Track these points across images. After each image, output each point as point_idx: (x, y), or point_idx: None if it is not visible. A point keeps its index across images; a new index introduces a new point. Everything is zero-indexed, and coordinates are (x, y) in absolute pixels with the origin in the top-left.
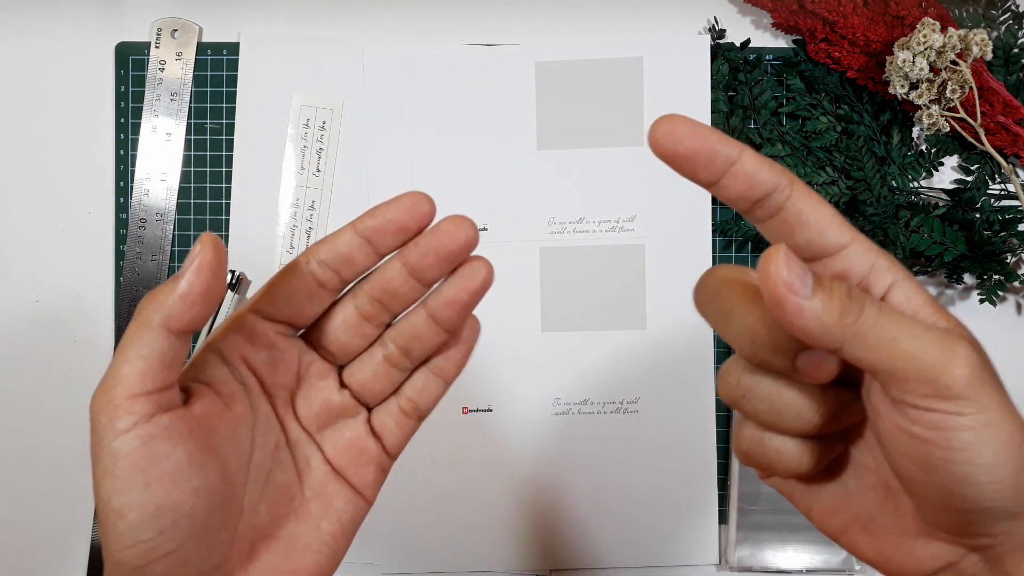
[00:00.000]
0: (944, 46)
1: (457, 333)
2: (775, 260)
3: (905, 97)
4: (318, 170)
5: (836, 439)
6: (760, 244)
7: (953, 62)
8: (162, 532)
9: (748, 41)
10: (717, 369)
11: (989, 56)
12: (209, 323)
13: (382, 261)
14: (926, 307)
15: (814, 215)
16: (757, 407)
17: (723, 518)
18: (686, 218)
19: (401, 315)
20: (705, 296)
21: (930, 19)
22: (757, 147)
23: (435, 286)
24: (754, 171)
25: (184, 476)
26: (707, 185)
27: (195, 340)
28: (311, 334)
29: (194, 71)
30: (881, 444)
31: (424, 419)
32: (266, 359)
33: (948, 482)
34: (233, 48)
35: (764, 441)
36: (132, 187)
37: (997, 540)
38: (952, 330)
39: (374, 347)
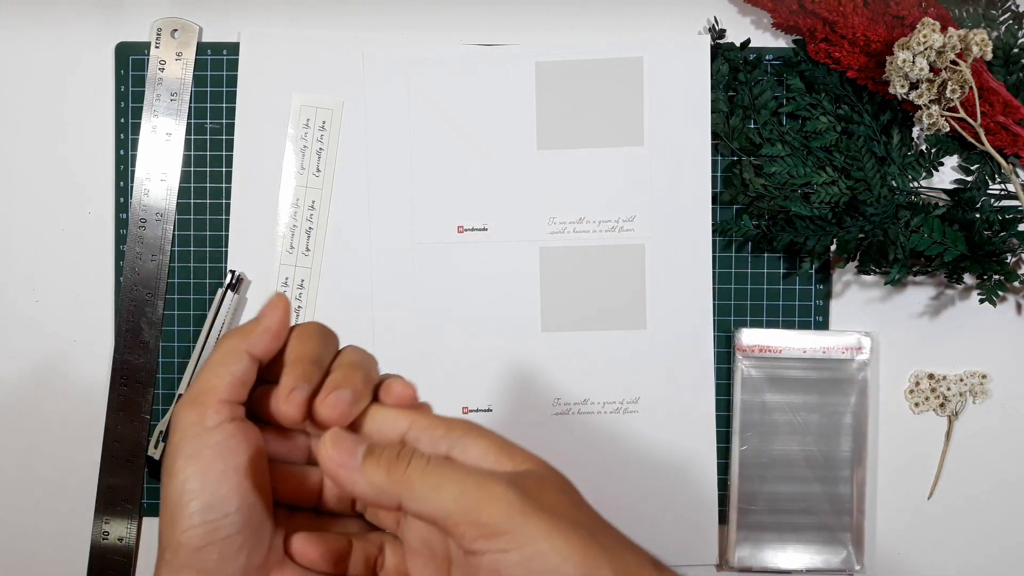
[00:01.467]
0: (944, 46)
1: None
2: (324, 445)
3: (905, 97)
4: (318, 170)
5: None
6: (760, 244)
7: (953, 62)
8: (226, 515)
9: (748, 41)
10: (717, 370)
11: (989, 56)
12: (209, 322)
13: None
14: (490, 453)
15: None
16: None
17: (723, 518)
18: (686, 218)
19: None
20: None
21: (930, 19)
22: (757, 147)
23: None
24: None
25: (249, 472)
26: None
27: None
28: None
29: (194, 71)
30: None
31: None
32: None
33: None
34: (233, 48)
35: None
36: (132, 187)
37: None
38: (494, 472)
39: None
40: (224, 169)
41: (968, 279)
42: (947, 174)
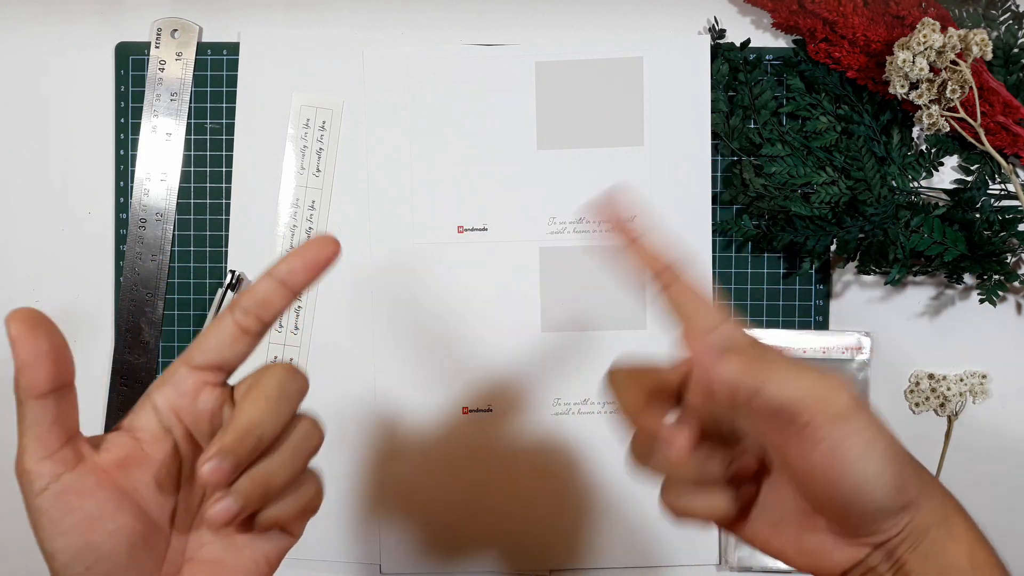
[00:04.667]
0: (944, 46)
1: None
2: (700, 338)
3: (905, 97)
4: (318, 170)
5: (746, 487)
6: (759, 245)
7: (953, 62)
8: (88, 568)
9: (748, 41)
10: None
11: (989, 56)
12: (209, 321)
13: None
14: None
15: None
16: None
17: None
18: (686, 218)
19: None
20: (608, 385)
21: (930, 19)
22: (757, 147)
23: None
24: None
25: (97, 523)
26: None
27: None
28: (193, 360)
29: (194, 71)
30: (791, 473)
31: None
32: (192, 409)
33: (846, 492)
34: (233, 48)
35: (693, 499)
36: (132, 187)
37: (889, 535)
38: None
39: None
40: (224, 169)
41: (968, 279)
42: (947, 174)
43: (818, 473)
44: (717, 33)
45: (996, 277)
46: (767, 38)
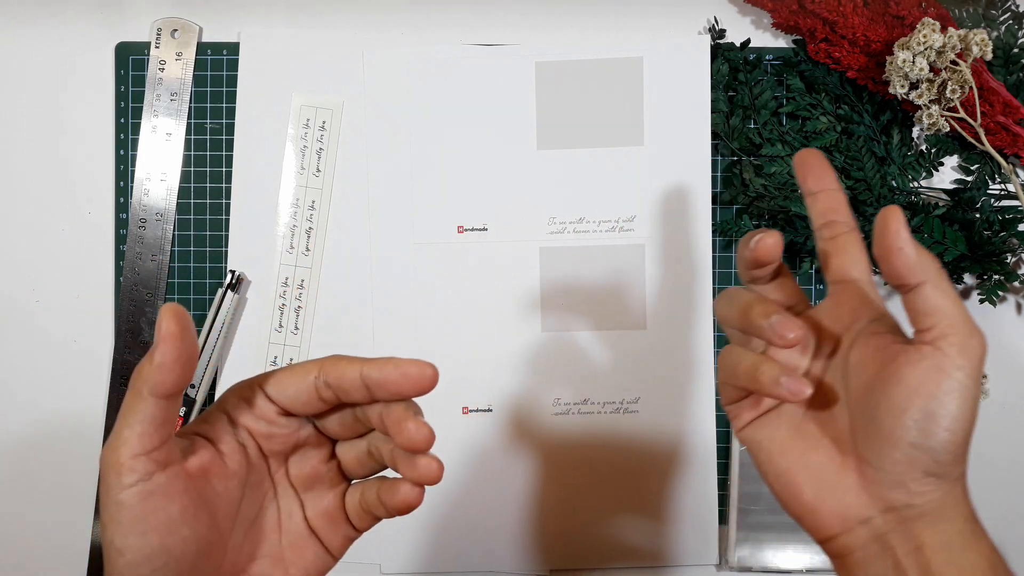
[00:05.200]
0: (944, 46)
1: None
2: (895, 217)
3: (905, 97)
4: (318, 170)
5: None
6: None
7: (953, 62)
8: (155, 571)
9: (748, 41)
10: (717, 370)
11: (989, 56)
12: (209, 322)
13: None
14: None
15: (856, 252)
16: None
17: (723, 518)
18: (686, 218)
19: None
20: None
21: (930, 19)
22: (757, 147)
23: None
24: (839, 202)
25: (176, 526)
26: (808, 193)
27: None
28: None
29: (194, 71)
30: (870, 385)
31: (375, 523)
32: (265, 430)
33: (916, 418)
34: (233, 48)
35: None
36: (132, 187)
37: (915, 499)
38: None
39: (364, 437)
40: (224, 169)
41: (968, 279)
42: (947, 174)
43: (900, 389)
44: (717, 33)
45: (996, 277)
46: (767, 38)
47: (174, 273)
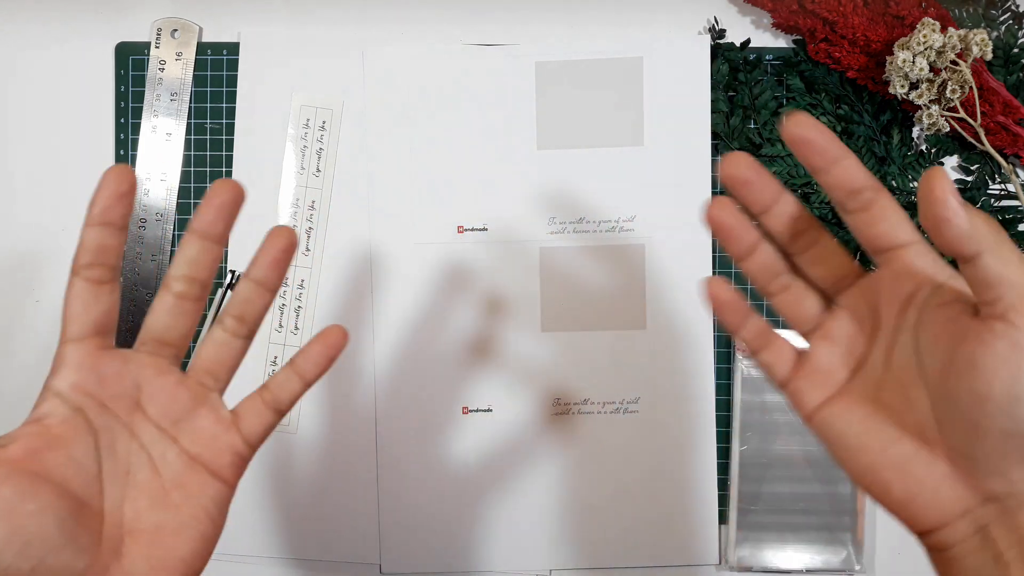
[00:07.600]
0: (944, 46)
1: (321, 337)
2: (940, 183)
3: (905, 97)
4: (318, 170)
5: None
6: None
7: (953, 62)
8: (19, 553)
9: (748, 41)
10: (717, 370)
11: (989, 56)
12: (209, 322)
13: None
14: None
15: (894, 215)
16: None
17: (723, 518)
18: (686, 218)
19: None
20: None
21: (930, 19)
22: (757, 147)
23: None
24: (856, 169)
25: (16, 506)
26: (816, 171)
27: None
28: (141, 341)
29: (194, 71)
30: (955, 363)
31: (284, 414)
32: (94, 379)
33: (1003, 400)
34: (233, 48)
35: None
36: None
37: (1017, 486)
38: None
39: (213, 328)
40: (224, 169)
41: None
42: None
43: (978, 375)
44: (717, 33)
45: None
46: (767, 38)
47: None
